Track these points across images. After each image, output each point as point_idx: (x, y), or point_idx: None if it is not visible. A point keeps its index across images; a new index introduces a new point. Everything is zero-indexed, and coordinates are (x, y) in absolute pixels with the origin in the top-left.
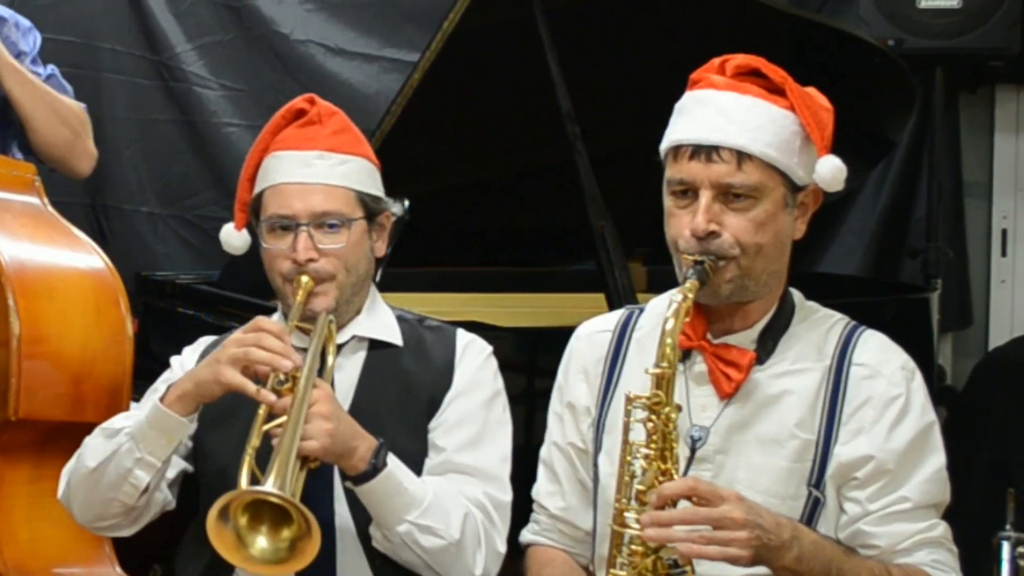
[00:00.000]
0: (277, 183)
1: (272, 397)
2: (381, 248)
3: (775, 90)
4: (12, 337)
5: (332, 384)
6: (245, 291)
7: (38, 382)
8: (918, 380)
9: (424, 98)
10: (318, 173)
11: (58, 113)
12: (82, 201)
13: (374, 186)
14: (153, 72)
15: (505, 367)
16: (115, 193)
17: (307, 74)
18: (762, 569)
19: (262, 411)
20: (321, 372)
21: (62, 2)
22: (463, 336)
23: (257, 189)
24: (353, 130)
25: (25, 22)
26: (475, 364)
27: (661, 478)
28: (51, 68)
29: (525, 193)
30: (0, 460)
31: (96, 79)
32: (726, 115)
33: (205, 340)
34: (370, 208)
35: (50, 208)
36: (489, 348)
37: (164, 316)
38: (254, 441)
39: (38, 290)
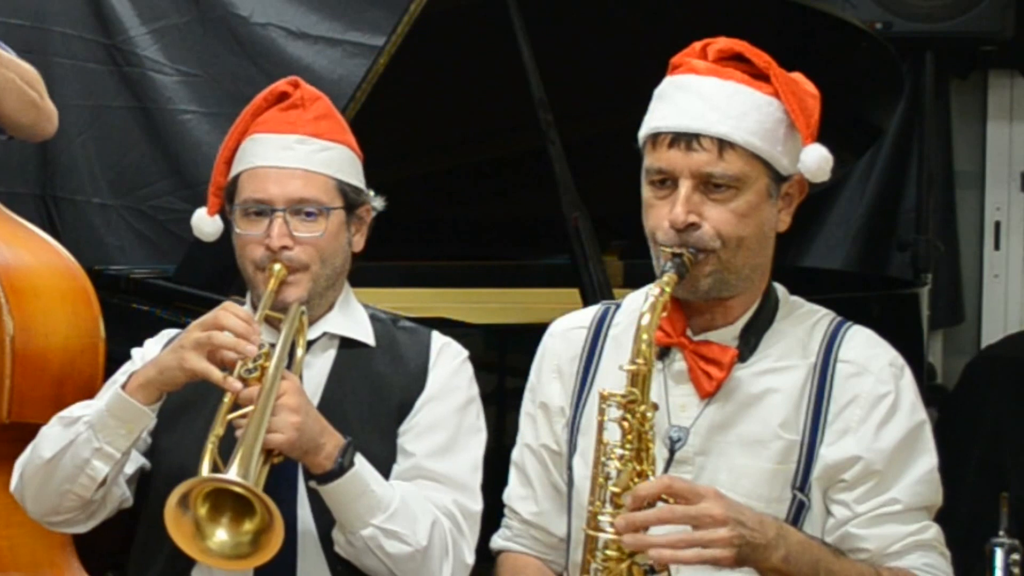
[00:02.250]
0: (254, 166)
1: (238, 385)
2: (359, 242)
3: (759, 75)
4: (5, 337)
5: (300, 380)
6: (203, 286)
7: (28, 384)
8: (907, 377)
9: (390, 84)
10: (297, 158)
11: (20, 75)
12: (31, 192)
13: (355, 176)
14: (105, 56)
15: (475, 366)
16: (65, 183)
17: (267, 59)
18: (741, 571)
19: (227, 399)
20: (290, 365)
21: None
22: (438, 339)
23: (233, 172)
24: (337, 117)
25: None
26: (450, 368)
27: (637, 479)
28: None
29: (495, 183)
30: None
31: (45, 63)
32: (707, 101)
33: (168, 332)
34: (350, 199)
35: None
36: (465, 353)
37: (118, 312)
38: (218, 429)
39: (24, 288)
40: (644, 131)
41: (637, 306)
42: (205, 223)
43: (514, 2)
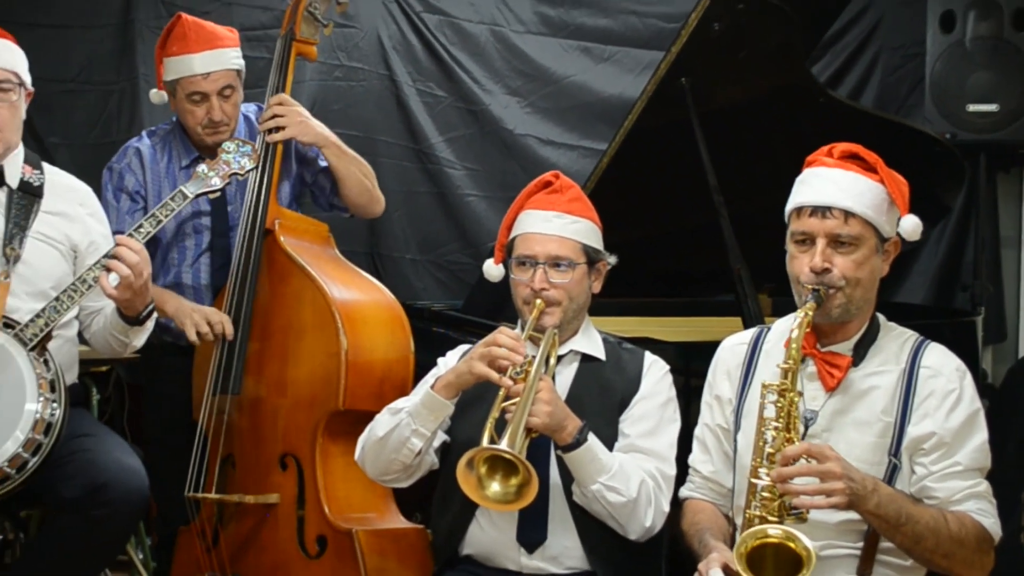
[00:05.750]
0: (526, 232)
1: (509, 382)
2: (597, 286)
3: (869, 168)
4: (341, 350)
5: (553, 381)
6: (482, 315)
7: (357, 382)
8: (968, 378)
9: (611, 175)
10: (556, 227)
11: (361, 171)
12: (364, 250)
13: (596, 241)
14: (414, 157)
15: (670, 371)
16: (387, 244)
17: (525, 159)
18: (851, 515)
19: (501, 393)
20: (546, 370)
21: (349, 106)
22: (649, 356)
23: (512, 235)
24: (585, 200)
25: None
26: (657, 377)
27: (785, 444)
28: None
29: (683, 244)
30: (328, 439)
31: (374, 162)
32: (836, 185)
33: (463, 347)
34: (591, 257)
35: (340, 255)
36: (668, 367)
37: (422, 334)
38: (494, 414)
39: (355, 316)
40: (790, 206)
41: (782, 329)
42: (492, 269)
43: (697, 120)
